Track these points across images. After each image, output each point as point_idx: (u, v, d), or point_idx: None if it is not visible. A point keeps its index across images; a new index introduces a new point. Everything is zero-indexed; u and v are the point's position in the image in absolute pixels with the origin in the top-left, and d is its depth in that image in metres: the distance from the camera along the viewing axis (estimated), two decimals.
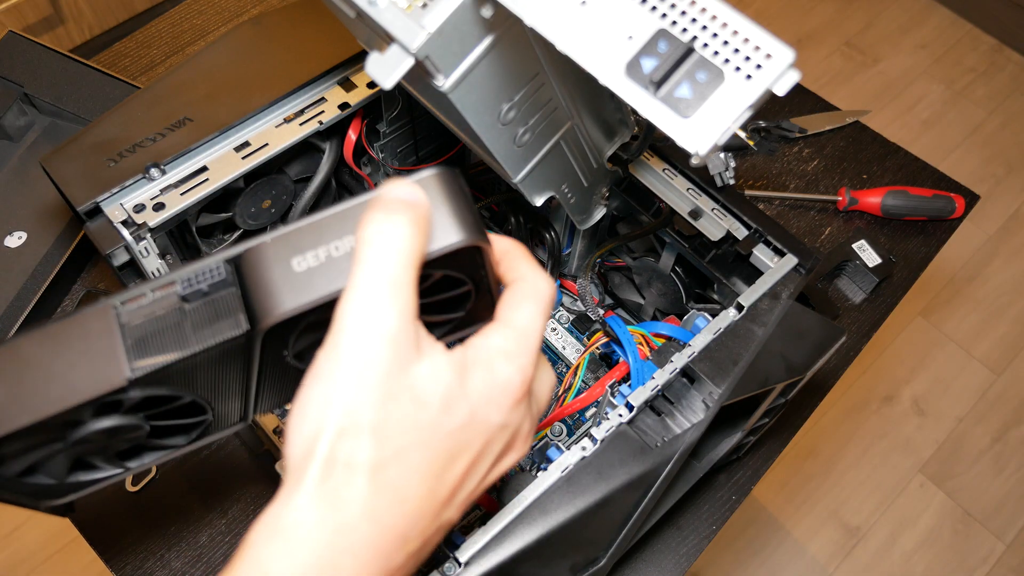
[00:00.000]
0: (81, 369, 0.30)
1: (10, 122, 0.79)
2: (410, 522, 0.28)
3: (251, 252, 0.32)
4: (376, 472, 0.27)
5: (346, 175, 0.67)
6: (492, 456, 0.31)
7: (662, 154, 0.61)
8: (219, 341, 0.32)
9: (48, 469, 0.34)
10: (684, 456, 0.50)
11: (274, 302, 0.31)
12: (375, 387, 0.27)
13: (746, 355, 0.51)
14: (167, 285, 0.32)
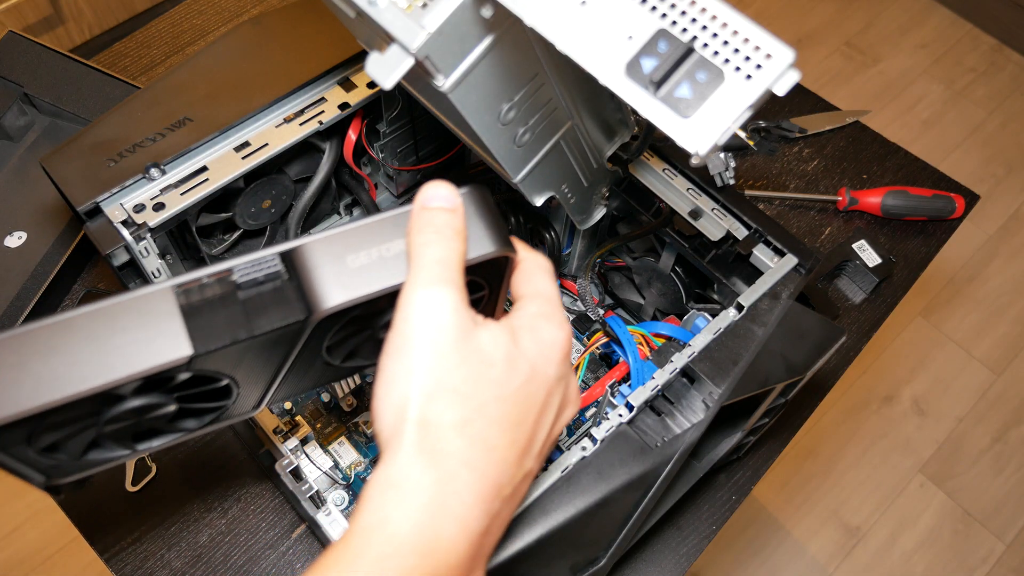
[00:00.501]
0: (143, 344, 0.33)
1: (10, 122, 0.79)
2: (500, 469, 0.31)
3: (305, 248, 0.35)
4: (464, 427, 0.31)
5: (346, 175, 0.67)
6: (554, 408, 0.35)
7: (662, 154, 0.61)
8: (275, 327, 0.34)
9: (69, 448, 0.36)
10: (684, 456, 0.50)
11: (330, 294, 0.34)
12: (449, 354, 0.31)
13: (746, 355, 0.51)
14: (222, 273, 0.35)
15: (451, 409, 0.31)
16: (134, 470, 0.66)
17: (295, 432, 0.58)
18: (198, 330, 0.33)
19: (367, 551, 0.29)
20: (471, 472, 0.30)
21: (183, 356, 0.33)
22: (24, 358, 0.32)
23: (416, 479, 0.30)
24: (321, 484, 0.58)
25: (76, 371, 0.32)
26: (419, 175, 0.72)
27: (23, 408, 0.31)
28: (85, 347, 0.32)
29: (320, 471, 0.59)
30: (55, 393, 0.31)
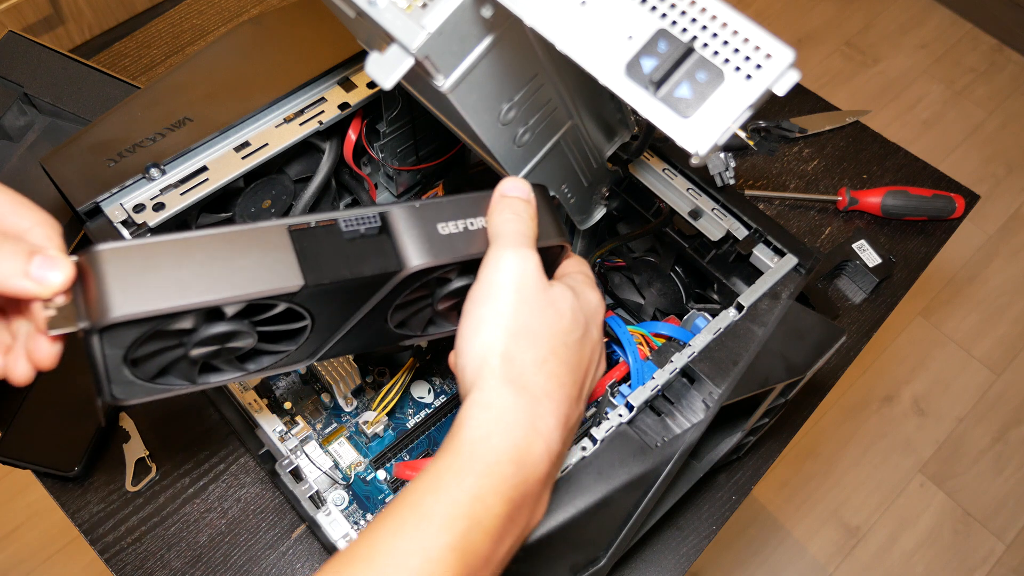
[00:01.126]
0: (263, 269, 0.37)
1: (10, 122, 0.79)
2: (568, 405, 0.36)
3: (403, 210, 0.40)
4: (542, 364, 0.36)
5: (346, 175, 0.67)
6: (596, 363, 0.40)
7: (662, 154, 0.61)
8: (373, 273, 0.39)
9: (147, 367, 0.39)
10: (684, 456, 0.50)
11: (422, 253, 0.39)
12: (532, 302, 0.36)
13: (746, 355, 0.51)
14: (328, 221, 0.39)
15: (532, 349, 0.36)
16: (134, 470, 0.66)
17: (295, 432, 0.58)
18: (309, 265, 0.38)
19: (475, 459, 0.33)
20: (550, 402, 0.35)
21: (295, 285, 0.37)
22: (156, 265, 0.35)
23: (509, 404, 0.35)
24: (321, 484, 0.58)
25: (203, 282, 0.35)
26: (419, 175, 0.72)
27: (155, 307, 0.34)
28: (212, 264, 0.36)
29: (320, 471, 0.59)
30: (185, 298, 0.35)
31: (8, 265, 0.33)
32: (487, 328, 0.36)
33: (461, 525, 0.32)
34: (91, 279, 0.34)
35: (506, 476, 0.34)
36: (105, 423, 0.53)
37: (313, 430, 0.61)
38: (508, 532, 0.34)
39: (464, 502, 0.33)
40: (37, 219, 0.36)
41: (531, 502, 0.35)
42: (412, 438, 0.63)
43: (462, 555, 0.32)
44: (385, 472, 0.62)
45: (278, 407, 0.64)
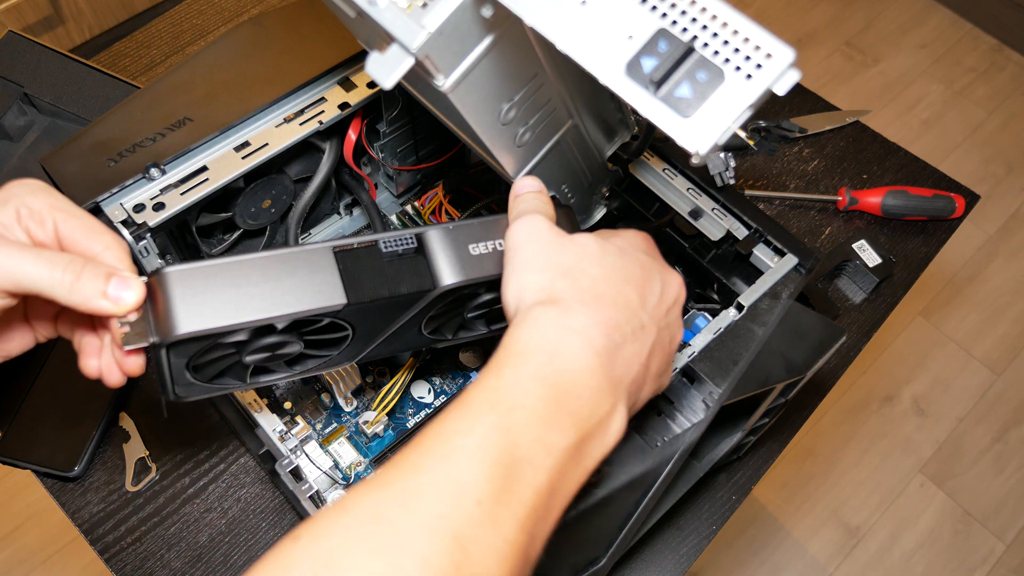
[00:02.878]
0: (310, 289, 0.41)
1: (10, 122, 0.79)
2: (612, 311, 0.37)
3: (438, 232, 0.44)
4: (573, 284, 0.37)
5: (346, 175, 0.67)
6: (655, 280, 0.40)
7: (662, 154, 0.61)
8: (409, 292, 0.43)
9: (207, 371, 0.43)
10: (684, 456, 0.50)
11: (454, 272, 0.43)
12: (552, 246, 0.39)
13: (746, 355, 0.51)
14: (369, 242, 0.43)
15: (561, 279, 0.38)
16: (134, 470, 0.66)
17: (295, 432, 0.58)
18: (351, 285, 0.42)
19: (509, 356, 0.35)
20: (584, 306, 0.37)
21: (339, 304, 0.41)
22: (216, 285, 0.39)
23: (541, 313, 0.36)
24: (321, 484, 0.58)
25: (257, 302, 0.40)
26: (419, 175, 0.72)
27: (215, 325, 0.39)
28: (265, 284, 0.40)
29: (320, 471, 0.59)
30: (241, 316, 0.39)
31: (89, 286, 0.37)
32: (518, 276, 0.39)
33: (502, 405, 0.33)
34: (159, 298, 0.39)
35: (540, 363, 0.35)
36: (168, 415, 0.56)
37: (313, 430, 0.61)
38: (557, 420, 0.34)
39: (501, 387, 0.34)
40: (108, 242, 0.39)
41: (583, 393, 0.35)
42: (412, 438, 0.63)
43: (506, 433, 0.32)
44: None
45: (278, 407, 0.64)
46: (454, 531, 0.30)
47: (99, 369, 0.42)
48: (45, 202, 0.39)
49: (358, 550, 0.29)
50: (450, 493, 0.31)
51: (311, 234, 0.70)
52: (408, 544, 0.29)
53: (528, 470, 0.32)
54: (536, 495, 0.32)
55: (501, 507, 0.31)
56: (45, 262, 0.37)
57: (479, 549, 0.30)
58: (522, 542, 0.32)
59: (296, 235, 0.64)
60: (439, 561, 0.29)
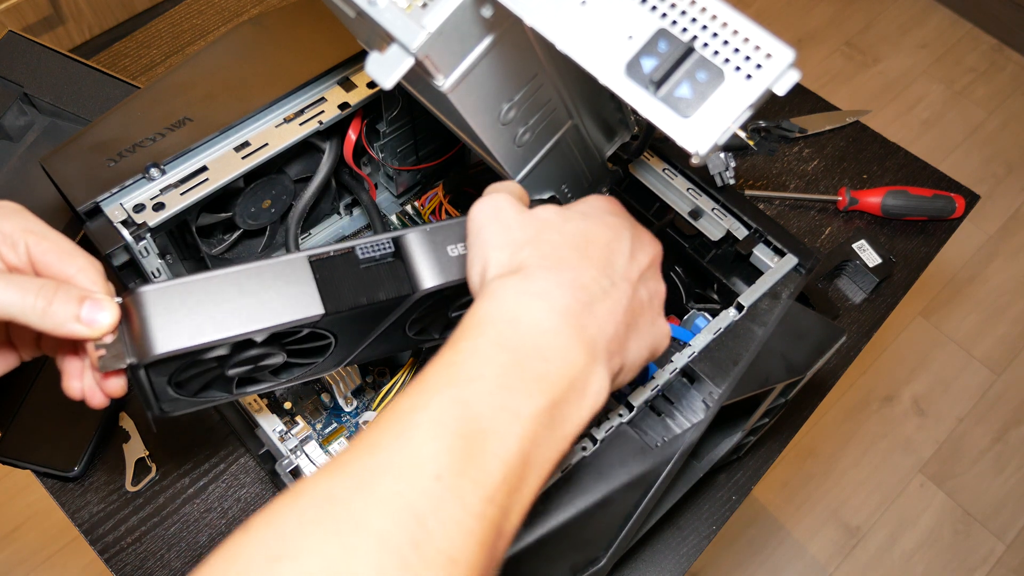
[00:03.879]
0: (287, 301, 0.41)
1: (10, 122, 0.79)
2: (576, 273, 0.36)
3: (415, 235, 0.44)
4: (533, 251, 0.36)
5: (346, 175, 0.67)
6: (625, 240, 0.39)
7: (662, 154, 0.61)
8: (388, 298, 0.43)
9: (190, 386, 0.43)
10: (684, 456, 0.50)
11: (433, 275, 0.43)
12: (511, 222, 0.38)
13: (746, 355, 0.51)
14: (345, 250, 0.43)
15: (522, 250, 0.37)
16: (134, 470, 0.66)
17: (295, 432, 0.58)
18: (328, 294, 0.41)
19: (467, 328, 0.34)
20: (546, 271, 0.35)
21: (317, 314, 0.41)
22: (192, 303, 0.39)
23: (500, 284, 0.35)
24: None
25: (233, 317, 0.39)
26: (419, 175, 0.72)
27: (192, 343, 0.38)
28: (241, 299, 0.40)
29: None
30: (218, 333, 0.39)
31: (62, 311, 0.37)
32: (479, 255, 0.38)
33: (461, 376, 0.32)
34: (134, 318, 0.39)
35: (500, 331, 0.33)
36: (157, 430, 0.56)
37: (313, 430, 0.61)
38: (522, 385, 0.32)
39: (459, 360, 0.33)
40: (82, 263, 0.39)
41: (550, 355, 0.33)
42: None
43: (465, 405, 0.31)
44: None
45: (278, 407, 0.64)
46: (411, 507, 0.29)
47: (82, 391, 0.42)
48: (17, 225, 0.39)
49: (311, 533, 0.28)
50: (406, 469, 0.29)
51: (311, 234, 0.70)
52: (363, 523, 0.28)
53: (493, 440, 0.31)
54: (505, 466, 0.31)
55: (464, 480, 0.30)
56: (16, 288, 0.36)
57: (440, 524, 0.29)
58: (492, 515, 0.30)
59: (296, 235, 0.64)
60: (397, 538, 0.28)
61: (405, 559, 0.28)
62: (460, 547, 0.29)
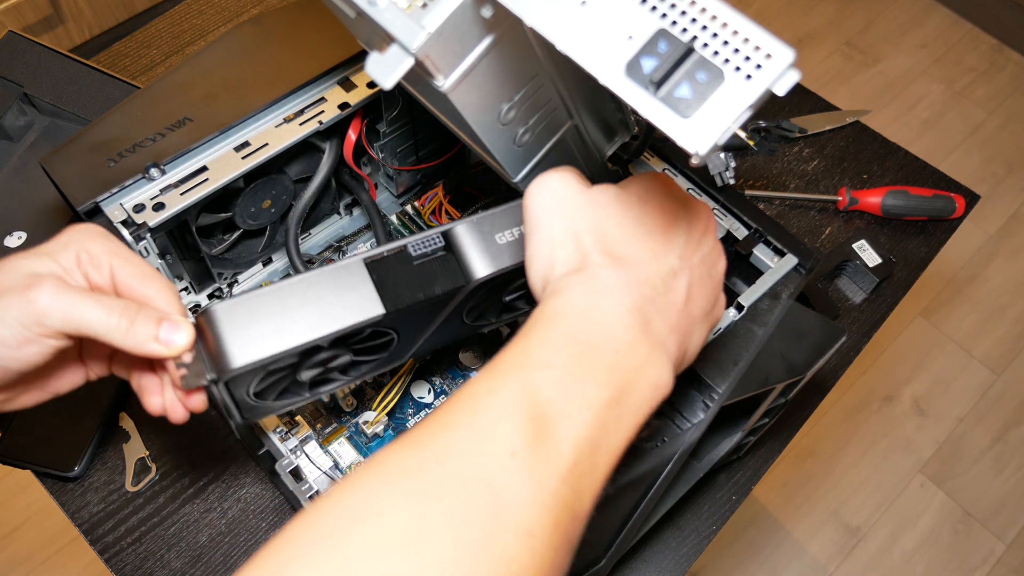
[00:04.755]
0: (349, 304, 0.42)
1: (10, 122, 0.79)
2: (637, 270, 0.37)
3: (462, 227, 0.45)
4: (595, 248, 0.37)
5: (346, 175, 0.67)
6: (682, 219, 0.40)
7: (662, 154, 0.61)
8: (444, 291, 0.44)
9: (268, 393, 0.45)
10: (684, 456, 0.50)
11: (485, 264, 0.44)
12: (570, 210, 0.38)
13: (746, 355, 0.51)
14: (398, 248, 0.44)
15: (584, 246, 0.37)
16: (134, 470, 0.66)
17: (295, 432, 0.58)
18: (387, 294, 0.43)
19: (538, 320, 0.36)
20: (609, 269, 0.37)
21: (378, 314, 0.42)
22: (261, 316, 0.41)
23: (567, 282, 0.36)
24: (321, 484, 0.58)
25: (301, 326, 0.41)
26: (419, 175, 0.72)
27: (265, 355, 0.40)
28: (306, 307, 0.42)
29: (320, 471, 0.59)
30: (289, 342, 0.41)
31: (142, 331, 0.39)
32: (536, 258, 0.39)
33: (532, 363, 0.34)
34: (209, 336, 0.41)
35: (570, 323, 0.35)
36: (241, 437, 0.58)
37: (313, 430, 0.61)
38: (591, 375, 0.34)
39: (530, 348, 0.34)
40: (159, 286, 0.41)
41: (618, 347, 0.35)
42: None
43: (536, 390, 0.32)
44: None
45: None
46: (487, 481, 0.30)
47: (163, 406, 0.44)
48: (103, 247, 0.41)
49: (387, 498, 0.29)
50: (482, 446, 0.31)
51: (311, 234, 0.70)
52: (441, 492, 0.29)
53: (564, 424, 0.32)
54: (576, 449, 0.32)
55: (538, 459, 0.31)
56: (103, 308, 0.39)
57: (516, 498, 0.30)
58: (566, 495, 0.31)
59: (296, 235, 0.64)
60: (474, 508, 0.29)
61: (482, 528, 0.29)
62: (536, 522, 0.30)
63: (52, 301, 0.38)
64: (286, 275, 0.65)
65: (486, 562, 0.28)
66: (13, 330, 0.38)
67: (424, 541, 0.28)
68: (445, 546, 0.28)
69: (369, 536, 0.28)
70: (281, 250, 0.67)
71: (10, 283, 0.38)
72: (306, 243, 0.70)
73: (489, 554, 0.29)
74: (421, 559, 0.28)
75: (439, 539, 0.28)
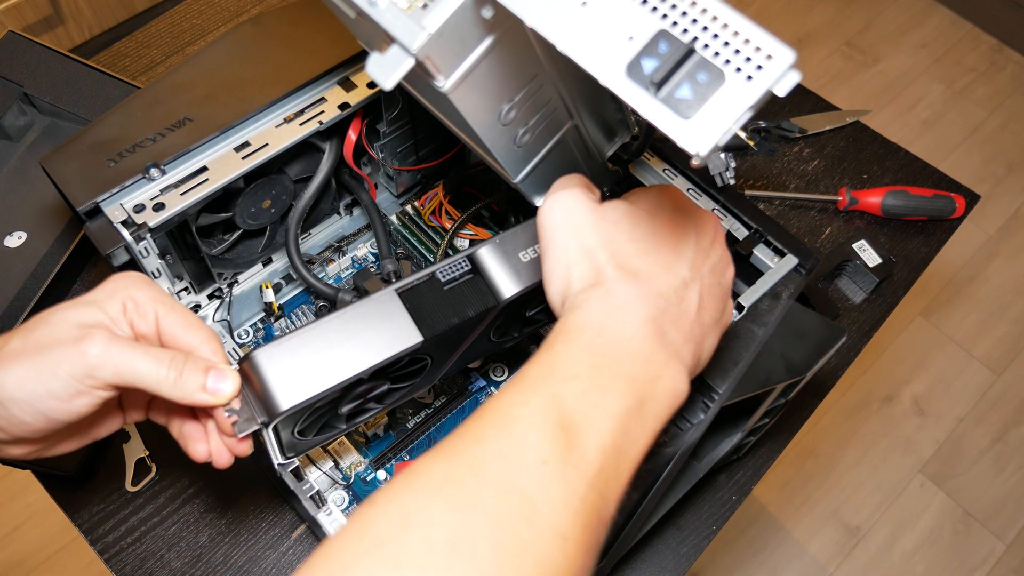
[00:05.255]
0: (386, 336, 0.43)
1: (10, 122, 0.79)
2: (651, 283, 0.39)
3: (486, 249, 0.47)
4: (608, 263, 0.39)
5: (346, 175, 0.67)
6: (690, 231, 0.41)
7: (662, 154, 0.61)
8: (476, 313, 0.46)
9: (308, 429, 0.46)
10: (684, 456, 0.50)
11: (512, 284, 0.46)
12: (583, 228, 0.40)
13: (746, 356, 0.51)
14: (426, 277, 0.46)
15: (598, 262, 0.39)
16: (134, 470, 0.66)
17: None
18: (422, 321, 0.44)
19: (559, 334, 0.37)
20: (624, 283, 0.38)
21: (417, 342, 0.44)
22: (303, 357, 0.42)
23: (584, 298, 0.38)
24: (321, 484, 0.58)
25: (343, 362, 0.42)
26: (419, 175, 0.72)
27: (311, 394, 0.41)
28: (346, 343, 0.43)
29: (320, 471, 0.59)
30: (333, 379, 0.42)
31: (191, 381, 0.40)
32: (554, 276, 0.40)
33: (557, 376, 0.36)
34: (254, 381, 0.42)
35: (590, 337, 0.37)
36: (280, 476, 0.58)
37: None
38: (613, 385, 0.35)
39: (554, 361, 0.36)
40: (204, 335, 0.42)
41: (636, 359, 0.36)
42: (412, 438, 0.63)
43: (563, 400, 0.34)
44: (385, 472, 0.62)
45: None
46: (521, 489, 0.31)
47: (208, 453, 0.44)
48: (148, 295, 0.42)
49: (432, 507, 0.31)
50: (514, 456, 0.32)
51: (311, 234, 0.70)
52: (478, 502, 0.31)
53: (589, 433, 0.34)
54: (602, 455, 0.34)
55: (568, 466, 0.32)
56: (152, 360, 0.39)
57: (549, 504, 0.31)
58: (594, 501, 0.33)
59: (296, 235, 0.64)
60: (511, 515, 0.31)
61: (519, 534, 0.30)
62: (569, 525, 0.32)
63: (103, 354, 0.38)
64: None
65: (524, 565, 0.30)
66: (65, 383, 0.38)
67: (469, 548, 0.30)
68: (486, 552, 0.30)
69: (419, 544, 0.30)
70: (281, 250, 0.67)
71: (60, 335, 0.39)
72: (306, 243, 0.70)
73: (526, 558, 0.30)
74: (466, 564, 0.29)
75: (481, 545, 0.30)
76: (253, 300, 0.67)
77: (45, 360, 0.38)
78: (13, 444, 0.41)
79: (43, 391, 0.38)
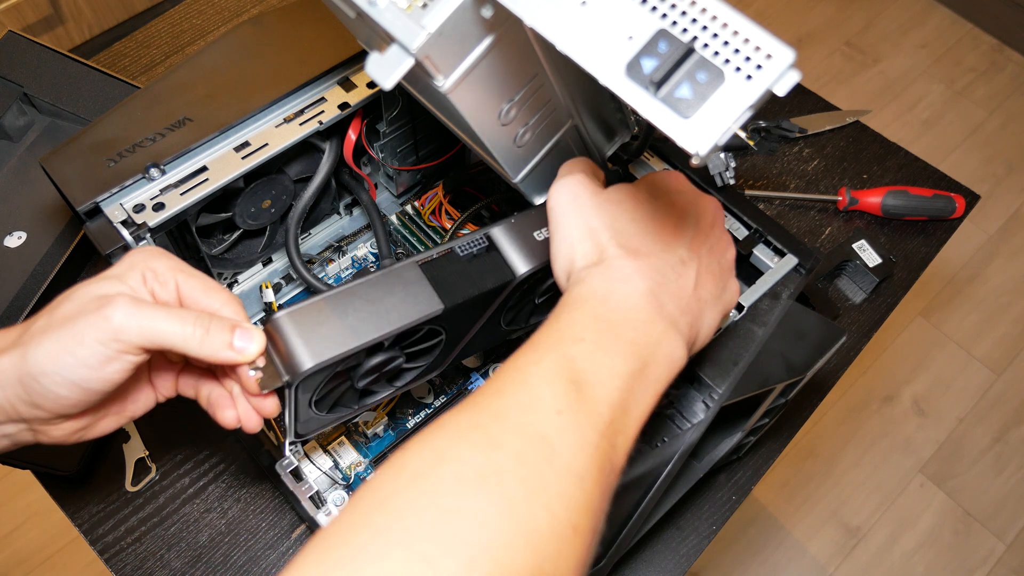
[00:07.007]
0: (409, 302, 0.45)
1: (10, 122, 0.79)
2: (650, 259, 0.41)
3: (502, 228, 0.49)
4: (611, 241, 0.41)
5: (346, 175, 0.67)
6: (690, 213, 0.44)
7: (662, 154, 0.61)
8: (495, 286, 0.47)
9: (323, 404, 0.47)
10: (684, 456, 0.50)
11: (527, 260, 0.48)
12: (588, 210, 0.42)
13: (746, 355, 0.51)
14: (445, 251, 0.47)
15: (602, 241, 0.41)
16: (134, 470, 0.66)
17: None
18: (443, 291, 0.46)
19: (565, 305, 0.40)
20: (624, 260, 0.40)
21: (438, 309, 0.45)
22: (326, 318, 0.43)
23: (587, 273, 0.41)
24: (321, 484, 0.58)
25: (366, 324, 0.43)
26: (419, 175, 0.72)
27: (335, 353, 0.42)
28: (369, 307, 0.44)
29: (320, 471, 0.59)
30: (357, 340, 0.43)
31: (217, 339, 0.41)
32: (560, 254, 0.43)
33: (565, 339, 0.38)
34: (279, 341, 0.42)
35: (594, 306, 0.39)
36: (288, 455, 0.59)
37: None
38: (617, 348, 0.38)
39: (562, 327, 0.39)
40: (225, 298, 0.43)
41: (637, 326, 0.39)
42: (412, 438, 0.63)
43: (572, 360, 0.37)
44: None
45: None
46: (542, 433, 0.34)
47: (237, 418, 0.45)
48: (167, 264, 0.43)
49: (460, 447, 0.34)
50: (531, 405, 0.35)
51: (311, 234, 0.70)
52: (502, 443, 0.34)
53: (598, 389, 0.36)
54: (611, 409, 0.36)
55: (581, 415, 0.35)
56: (177, 319, 0.40)
57: (567, 447, 0.34)
58: (605, 448, 0.36)
59: (296, 235, 0.64)
60: (532, 455, 0.34)
61: (542, 471, 0.33)
62: (585, 467, 0.35)
63: (127, 317, 0.39)
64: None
65: (548, 499, 0.33)
66: (93, 349, 0.39)
67: (497, 480, 0.33)
68: (514, 484, 0.33)
69: (452, 476, 0.33)
70: (281, 250, 0.67)
71: (82, 307, 0.40)
72: (306, 243, 0.70)
73: (550, 491, 0.33)
74: (496, 493, 0.32)
75: (508, 479, 0.33)
76: (253, 300, 0.67)
77: (71, 330, 0.39)
78: (54, 423, 0.42)
79: (73, 361, 0.39)
